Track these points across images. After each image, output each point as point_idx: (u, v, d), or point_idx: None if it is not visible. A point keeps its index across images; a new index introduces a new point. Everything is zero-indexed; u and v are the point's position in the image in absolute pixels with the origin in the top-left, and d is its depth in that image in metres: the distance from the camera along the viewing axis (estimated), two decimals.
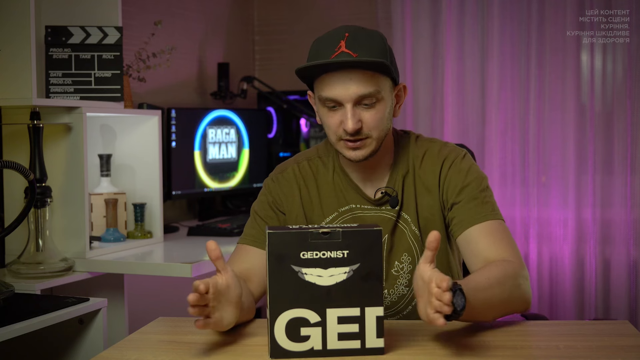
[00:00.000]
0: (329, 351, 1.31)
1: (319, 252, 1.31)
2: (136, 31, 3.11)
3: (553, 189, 3.57)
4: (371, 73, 1.56)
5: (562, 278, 3.55)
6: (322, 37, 1.62)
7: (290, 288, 1.31)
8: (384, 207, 1.70)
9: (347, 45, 1.55)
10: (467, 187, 1.66)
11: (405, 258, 1.70)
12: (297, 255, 1.30)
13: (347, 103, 1.56)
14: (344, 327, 1.32)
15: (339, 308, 1.31)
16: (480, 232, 1.61)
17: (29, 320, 1.87)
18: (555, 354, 1.36)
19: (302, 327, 1.31)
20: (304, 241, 1.31)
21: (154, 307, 2.94)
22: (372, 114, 1.58)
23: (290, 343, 1.31)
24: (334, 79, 1.56)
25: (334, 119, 1.59)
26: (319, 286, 1.31)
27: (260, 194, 1.77)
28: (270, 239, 1.30)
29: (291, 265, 1.30)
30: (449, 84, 3.68)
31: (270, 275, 1.31)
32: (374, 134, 1.60)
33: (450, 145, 1.73)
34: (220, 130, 3.44)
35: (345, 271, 1.31)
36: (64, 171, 2.41)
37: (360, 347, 1.32)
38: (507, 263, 1.54)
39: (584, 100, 3.53)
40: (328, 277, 1.31)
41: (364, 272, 1.31)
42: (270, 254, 1.30)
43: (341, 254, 1.31)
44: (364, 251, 1.31)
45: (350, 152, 1.61)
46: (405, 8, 3.71)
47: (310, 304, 1.31)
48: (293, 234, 1.31)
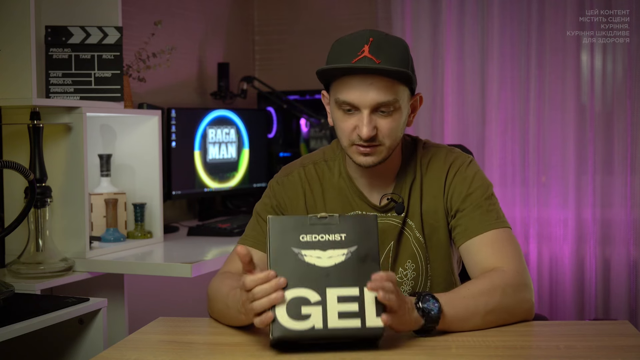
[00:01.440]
0: (330, 329, 1.32)
1: (318, 235, 1.36)
2: (136, 31, 3.11)
3: (553, 189, 3.57)
4: (391, 81, 1.54)
5: (562, 278, 3.55)
6: (344, 38, 1.59)
7: (291, 269, 1.34)
8: (389, 213, 1.69)
9: (370, 50, 1.53)
10: (472, 195, 1.65)
11: (409, 265, 1.69)
12: (297, 238, 1.36)
13: (364, 109, 1.54)
14: (344, 306, 1.33)
15: (339, 287, 1.34)
16: (481, 242, 1.60)
17: (29, 320, 1.86)
18: (555, 354, 1.36)
19: (302, 306, 1.33)
20: (303, 225, 1.37)
21: (154, 307, 2.94)
22: (387, 122, 1.57)
23: (291, 322, 1.32)
24: (353, 83, 1.54)
25: (349, 123, 1.58)
26: (318, 267, 1.35)
27: (264, 195, 1.76)
28: (272, 223, 1.36)
29: (291, 247, 1.35)
30: (449, 84, 3.68)
31: (271, 258, 1.35)
32: (387, 142, 1.58)
33: (456, 152, 1.72)
34: (220, 130, 3.44)
35: (343, 253, 1.36)
36: (64, 171, 2.41)
37: (360, 326, 1.33)
38: (498, 272, 1.53)
39: (584, 100, 3.53)
40: (327, 258, 1.35)
41: (361, 253, 1.36)
42: (271, 237, 1.36)
43: (339, 237, 1.37)
44: (361, 235, 1.37)
45: (360, 158, 1.60)
46: (405, 8, 3.71)
47: (310, 284, 1.34)
48: (292, 218, 1.39)
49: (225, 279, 1.60)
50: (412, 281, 1.69)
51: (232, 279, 1.58)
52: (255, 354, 1.37)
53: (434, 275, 1.70)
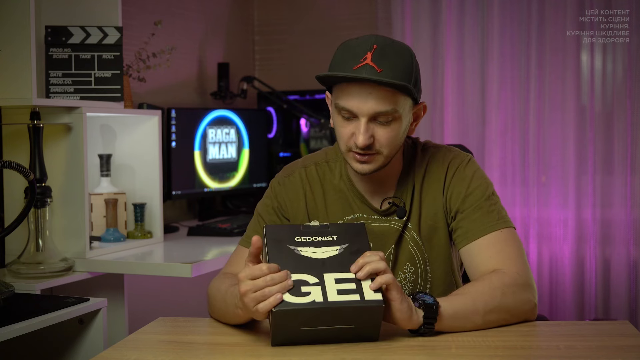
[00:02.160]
0: (331, 302, 1.35)
1: (311, 236, 1.44)
2: (136, 31, 3.11)
3: (553, 189, 3.57)
4: (392, 91, 1.52)
5: (562, 278, 3.55)
6: (350, 42, 1.57)
7: (289, 262, 1.40)
8: (390, 217, 1.68)
9: (373, 58, 1.51)
10: (471, 195, 1.64)
11: (407, 268, 1.68)
12: (292, 239, 1.43)
13: (362, 117, 1.53)
14: (342, 286, 1.38)
15: (335, 273, 1.39)
16: (481, 244, 1.60)
17: (29, 320, 1.86)
18: (555, 354, 1.36)
19: (302, 287, 1.37)
20: (297, 230, 1.45)
21: (154, 307, 2.94)
22: (386, 132, 1.55)
23: (292, 297, 1.35)
24: (353, 91, 1.53)
25: (347, 130, 1.57)
26: (314, 259, 1.41)
27: (265, 195, 1.75)
28: (267, 230, 1.44)
29: (287, 245, 1.42)
30: (449, 84, 3.68)
31: (269, 254, 1.40)
32: (385, 151, 1.57)
33: (454, 151, 1.71)
34: (220, 130, 3.44)
35: (336, 249, 1.43)
36: (64, 171, 2.41)
37: (360, 299, 1.36)
38: (499, 273, 1.53)
39: (584, 101, 3.53)
40: (322, 252, 1.42)
41: (353, 248, 1.43)
42: (267, 239, 1.42)
43: (331, 238, 1.44)
44: (351, 235, 1.45)
45: (357, 165, 1.59)
46: (405, 8, 3.71)
47: (308, 271, 1.39)
48: (287, 226, 1.48)
49: (225, 279, 1.60)
50: (412, 284, 1.69)
51: (231, 278, 1.58)
52: (255, 354, 1.38)
53: (433, 277, 1.69)
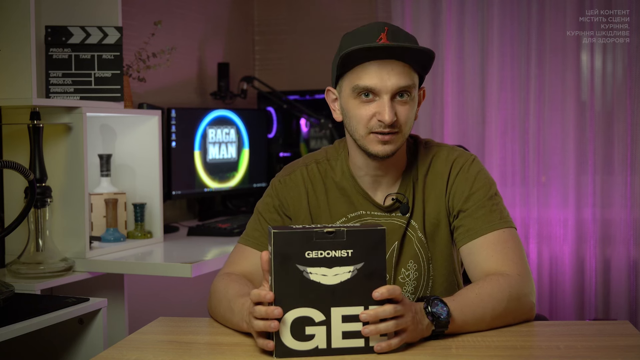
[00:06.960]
0: (334, 349, 1.32)
1: (324, 251, 1.32)
2: (136, 31, 3.11)
3: (553, 189, 3.57)
4: (408, 67, 1.56)
5: (562, 278, 3.55)
6: (355, 31, 1.60)
7: (295, 287, 1.32)
8: (394, 213, 1.68)
9: (388, 37, 1.55)
10: (475, 195, 1.64)
11: (411, 265, 1.68)
12: (302, 254, 1.32)
13: (385, 94, 1.55)
14: (348, 326, 1.32)
15: (344, 307, 1.32)
16: (483, 243, 1.59)
17: (29, 320, 1.86)
18: (555, 354, 1.36)
19: (307, 326, 1.32)
20: (309, 240, 1.32)
21: (154, 307, 2.94)
22: (405, 110, 1.58)
23: (295, 342, 1.32)
24: (372, 69, 1.55)
25: (367, 111, 1.57)
26: (323, 285, 1.32)
27: (265, 194, 1.74)
28: (275, 239, 1.31)
29: (296, 264, 1.31)
30: (449, 84, 3.68)
31: (275, 275, 1.31)
32: (405, 129, 1.59)
33: (458, 150, 1.71)
34: (220, 130, 3.44)
35: (349, 270, 1.32)
36: (64, 171, 2.41)
37: (364, 346, 1.33)
38: (504, 277, 1.52)
39: (584, 101, 3.53)
40: (333, 276, 1.32)
41: (367, 271, 1.33)
42: (275, 253, 1.31)
43: (345, 253, 1.32)
44: (368, 250, 1.33)
45: (378, 147, 1.58)
46: (405, 8, 3.71)
47: (315, 303, 1.32)
48: (298, 234, 1.32)
49: (231, 282, 1.59)
50: (415, 281, 1.69)
51: (239, 283, 1.57)
52: (255, 354, 1.37)
53: (435, 275, 1.69)
